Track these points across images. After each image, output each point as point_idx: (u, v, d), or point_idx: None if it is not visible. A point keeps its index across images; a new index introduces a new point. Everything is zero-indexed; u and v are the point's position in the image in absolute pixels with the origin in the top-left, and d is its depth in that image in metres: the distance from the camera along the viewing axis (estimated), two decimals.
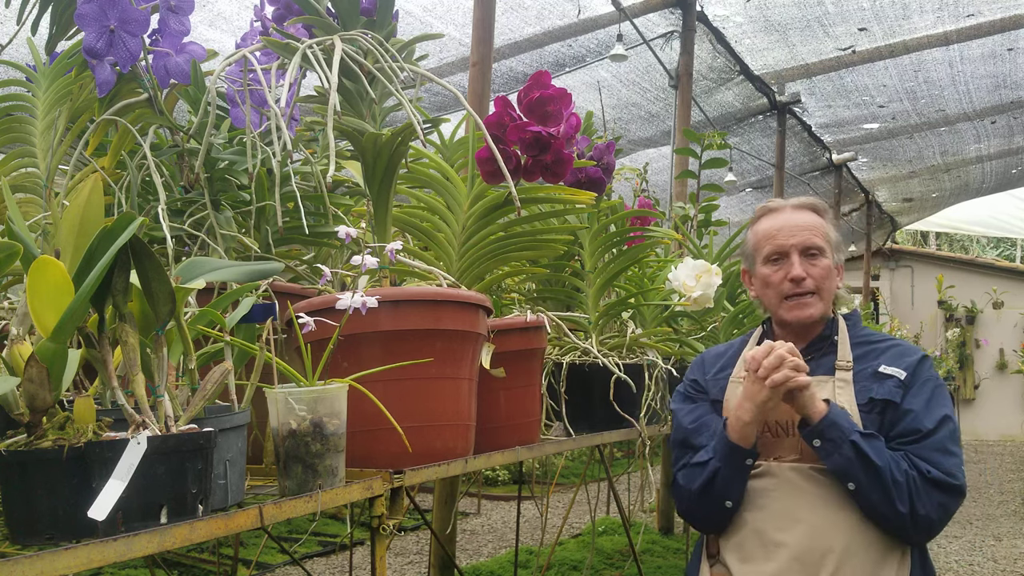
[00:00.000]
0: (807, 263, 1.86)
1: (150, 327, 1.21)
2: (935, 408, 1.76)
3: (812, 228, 1.88)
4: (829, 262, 1.88)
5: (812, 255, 1.87)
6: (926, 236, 18.98)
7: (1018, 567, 5.48)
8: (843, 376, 1.81)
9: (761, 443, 1.80)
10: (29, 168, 1.80)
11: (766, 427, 1.81)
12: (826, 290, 1.87)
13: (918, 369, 1.80)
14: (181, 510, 1.10)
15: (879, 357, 1.83)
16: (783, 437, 1.80)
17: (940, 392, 1.80)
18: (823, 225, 1.90)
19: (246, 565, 4.59)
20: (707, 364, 2.02)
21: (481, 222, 2.03)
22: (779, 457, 1.80)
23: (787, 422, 1.79)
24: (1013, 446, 11.92)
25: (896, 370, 1.79)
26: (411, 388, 1.59)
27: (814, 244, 1.86)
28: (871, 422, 1.75)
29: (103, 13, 1.54)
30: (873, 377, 1.80)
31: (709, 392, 1.96)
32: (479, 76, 3.23)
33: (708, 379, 1.98)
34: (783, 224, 1.89)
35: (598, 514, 5.13)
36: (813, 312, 1.85)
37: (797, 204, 1.94)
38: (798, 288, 1.85)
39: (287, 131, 1.54)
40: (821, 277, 1.86)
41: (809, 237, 1.87)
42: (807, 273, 1.85)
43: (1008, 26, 5.70)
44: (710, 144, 3.67)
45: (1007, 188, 10.87)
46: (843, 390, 1.79)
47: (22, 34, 1.79)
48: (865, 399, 1.77)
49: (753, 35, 5.82)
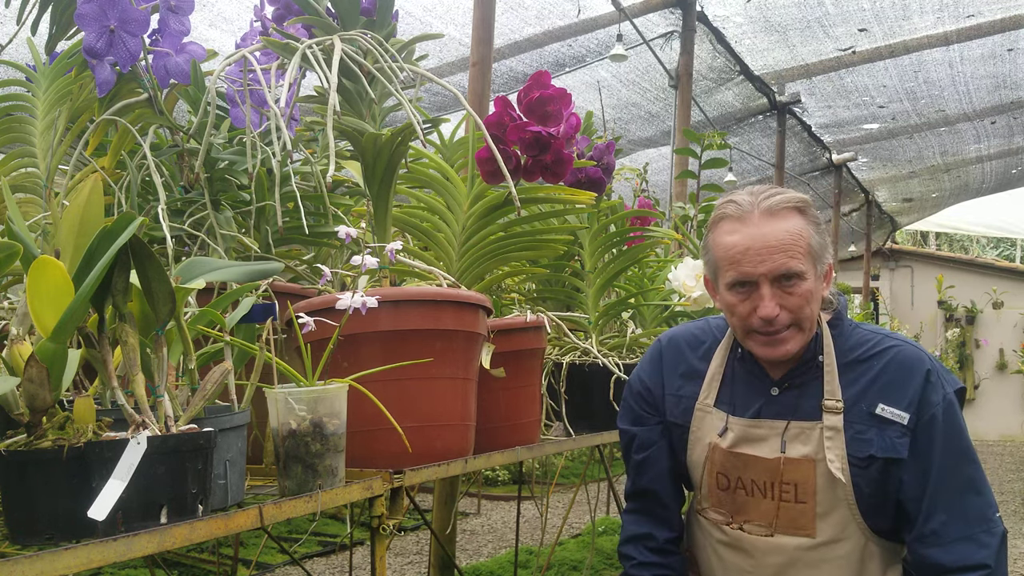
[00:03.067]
0: (781, 293, 1.51)
1: (150, 327, 1.21)
2: (947, 470, 1.50)
3: (787, 247, 1.50)
4: (810, 284, 1.52)
5: (788, 281, 1.51)
6: (926, 236, 18.97)
7: (1018, 567, 5.48)
8: (832, 423, 1.53)
9: (728, 498, 1.61)
10: (29, 168, 1.80)
11: (740, 483, 1.59)
12: (808, 317, 1.53)
13: (923, 401, 1.51)
14: (181, 510, 1.10)
15: (876, 387, 1.54)
16: (758, 498, 1.58)
17: (947, 431, 1.51)
18: (801, 234, 1.52)
19: (246, 565, 4.59)
20: (666, 368, 1.72)
21: (481, 222, 2.03)
22: (748, 521, 1.60)
23: (764, 483, 1.57)
24: (1013, 446, 11.92)
25: (897, 413, 1.51)
26: (411, 388, 1.59)
27: (790, 270, 1.50)
28: (866, 479, 1.52)
29: (103, 13, 1.54)
30: (870, 421, 1.52)
31: (666, 411, 1.70)
32: (479, 76, 3.22)
33: (666, 394, 1.70)
34: (749, 244, 1.51)
35: (598, 514, 5.12)
36: (790, 348, 1.54)
37: (767, 209, 1.52)
38: (770, 327, 1.52)
39: (287, 131, 1.54)
40: (799, 307, 1.51)
41: (784, 262, 1.49)
42: (781, 306, 1.51)
43: (1008, 26, 5.70)
44: (710, 144, 3.66)
45: (1007, 188, 10.86)
46: (833, 442, 1.52)
47: (22, 34, 1.79)
48: (864, 454, 1.51)
49: (753, 35, 5.82)
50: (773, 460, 1.56)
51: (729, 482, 1.62)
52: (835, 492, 1.54)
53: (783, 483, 1.56)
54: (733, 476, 1.61)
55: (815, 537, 1.55)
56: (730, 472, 1.62)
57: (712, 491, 1.65)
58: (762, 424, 1.59)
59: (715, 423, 1.64)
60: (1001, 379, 12.89)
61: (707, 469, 1.65)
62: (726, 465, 1.62)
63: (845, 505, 1.54)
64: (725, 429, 1.62)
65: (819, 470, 1.54)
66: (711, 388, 1.66)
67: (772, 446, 1.57)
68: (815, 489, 1.54)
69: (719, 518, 1.65)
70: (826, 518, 1.55)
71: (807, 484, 1.54)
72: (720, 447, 1.62)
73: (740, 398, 1.63)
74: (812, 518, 1.55)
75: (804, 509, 1.55)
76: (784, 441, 1.56)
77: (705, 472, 1.65)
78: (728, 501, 1.63)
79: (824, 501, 1.54)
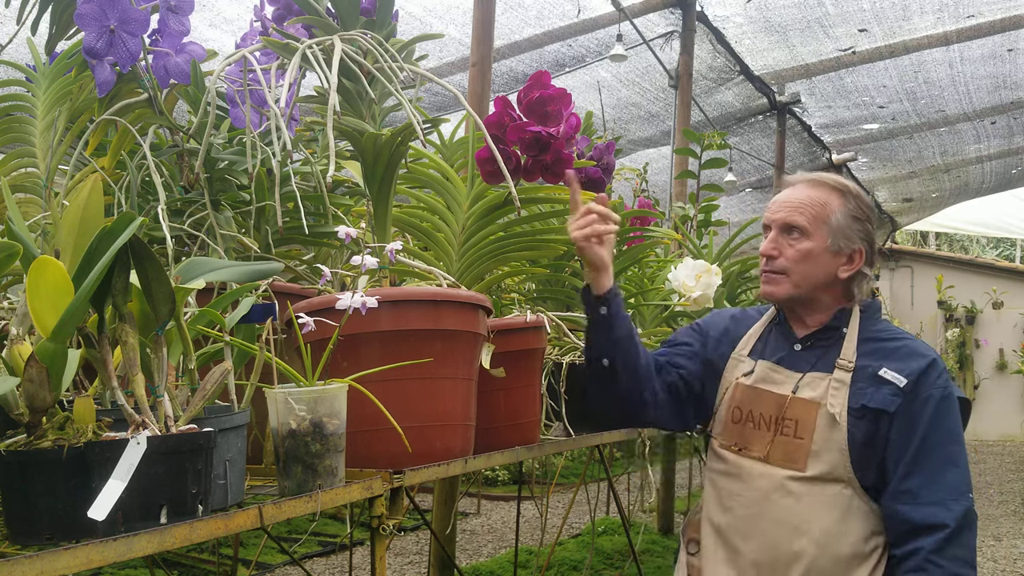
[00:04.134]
0: (785, 242, 1.75)
1: (150, 327, 1.21)
2: (932, 442, 1.64)
3: (802, 206, 1.75)
4: (811, 245, 1.73)
5: (791, 233, 1.75)
6: (926, 236, 18.97)
7: (1018, 567, 5.48)
8: (841, 376, 1.71)
9: (738, 430, 1.78)
10: (29, 168, 1.81)
11: (750, 416, 1.77)
12: (799, 273, 1.74)
13: (922, 378, 1.68)
14: (181, 510, 1.10)
15: (885, 358, 1.72)
16: (763, 431, 1.74)
17: (940, 411, 1.67)
18: (824, 204, 1.74)
19: (246, 565, 4.58)
20: (713, 321, 1.95)
21: (481, 222, 2.03)
22: (745, 449, 1.76)
23: (770, 416, 1.74)
24: (1013, 446, 11.92)
25: (896, 376, 1.68)
26: (411, 388, 1.59)
27: (793, 223, 1.74)
28: (860, 429, 1.67)
29: (103, 13, 1.54)
30: (872, 380, 1.69)
31: (708, 347, 1.89)
32: (479, 76, 3.23)
33: (711, 336, 1.91)
34: (779, 198, 1.80)
35: (598, 514, 5.13)
36: (776, 291, 1.76)
37: (809, 180, 1.80)
38: (767, 266, 1.78)
39: (287, 131, 1.54)
40: (794, 259, 1.74)
41: (790, 215, 1.75)
42: (780, 251, 1.76)
43: (1008, 26, 5.70)
44: (710, 144, 3.67)
45: (1007, 188, 10.86)
46: (838, 391, 1.70)
47: (22, 34, 1.79)
48: (858, 404, 1.68)
49: (753, 35, 5.82)
50: (783, 396, 1.75)
51: (742, 414, 1.80)
52: (831, 434, 1.68)
53: (786, 418, 1.73)
54: (746, 409, 1.79)
55: (805, 471, 1.69)
56: (744, 405, 1.79)
57: (727, 425, 1.82)
58: (781, 371, 1.79)
59: (743, 368, 1.84)
60: (1001, 379, 12.88)
61: (727, 404, 1.83)
62: (743, 399, 1.80)
63: (837, 449, 1.68)
64: (751, 371, 1.81)
65: (821, 412, 1.70)
66: (748, 342, 1.87)
67: (786, 388, 1.76)
68: (814, 428, 1.70)
69: (724, 448, 1.81)
70: (818, 457, 1.69)
71: (807, 422, 1.71)
72: (743, 384, 1.81)
73: (769, 349, 1.84)
74: (806, 453, 1.70)
75: (800, 444, 1.71)
76: (798, 386, 1.75)
77: (723, 406, 1.83)
78: (737, 433, 1.79)
79: (820, 440, 1.69)
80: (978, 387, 12.95)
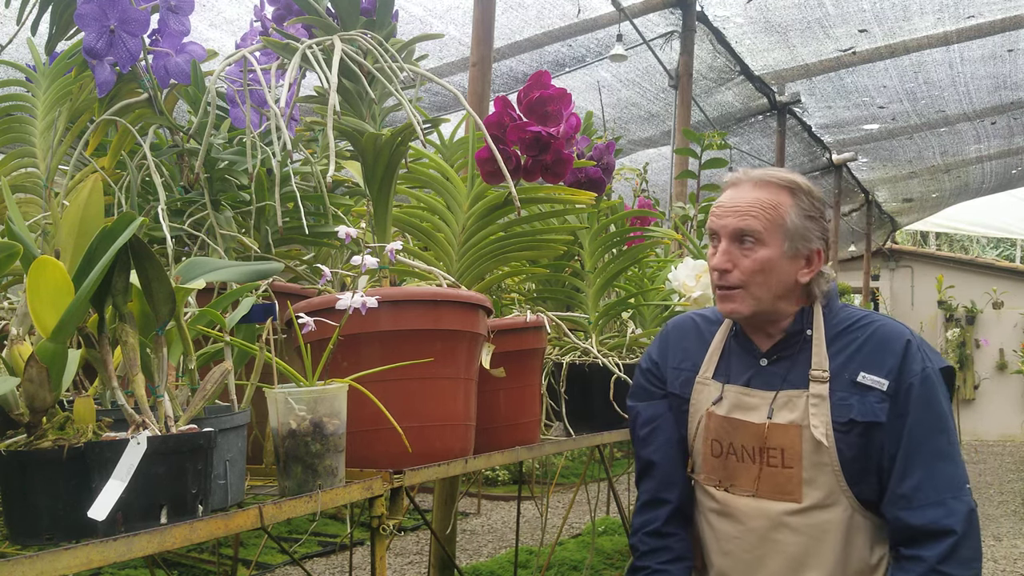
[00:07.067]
0: (739, 253, 1.59)
1: (150, 327, 1.21)
2: (921, 434, 1.56)
3: (753, 211, 1.58)
4: (767, 253, 1.58)
5: (743, 242, 1.59)
6: (926, 236, 18.98)
7: (1018, 567, 5.48)
8: (818, 391, 1.59)
9: (720, 464, 1.68)
10: (29, 168, 1.81)
11: (731, 449, 1.66)
12: (757, 284, 1.59)
13: (902, 369, 1.57)
14: (181, 510, 1.10)
15: (858, 355, 1.60)
16: (747, 464, 1.64)
17: (923, 397, 1.57)
18: (775, 206, 1.59)
19: (246, 565, 4.58)
20: (671, 345, 1.81)
21: (481, 222, 2.03)
22: (733, 485, 1.66)
23: (752, 448, 1.63)
24: (1013, 446, 11.92)
25: (877, 380, 1.57)
26: (411, 388, 1.59)
27: (747, 229, 1.58)
28: (849, 443, 1.57)
29: (103, 13, 1.54)
30: (852, 388, 1.58)
31: (667, 382, 1.77)
32: (479, 76, 3.22)
33: (669, 367, 1.78)
34: (723, 201, 1.63)
35: (598, 514, 5.12)
36: (740, 308, 1.61)
37: (756, 179, 1.62)
38: (720, 280, 1.62)
39: (287, 131, 1.54)
40: (751, 271, 1.58)
41: (741, 221, 1.58)
42: (734, 263, 1.59)
43: (1008, 27, 5.70)
44: (710, 144, 3.66)
45: (1007, 188, 10.86)
46: (818, 408, 1.58)
47: (22, 34, 1.79)
48: (844, 419, 1.57)
49: (753, 35, 5.81)
50: (759, 425, 1.63)
51: (722, 448, 1.68)
52: (820, 457, 1.59)
53: (769, 448, 1.62)
54: (725, 442, 1.68)
55: (801, 502, 1.60)
56: (723, 438, 1.68)
57: (707, 459, 1.71)
58: (753, 393, 1.67)
59: (712, 393, 1.71)
60: (1001, 379, 12.88)
61: (703, 437, 1.71)
62: (719, 431, 1.69)
63: (830, 471, 1.59)
64: (720, 397, 1.69)
65: (805, 436, 1.59)
66: (711, 363, 1.74)
67: (761, 413, 1.64)
68: (801, 454, 1.59)
69: (711, 485, 1.71)
70: (813, 484, 1.60)
71: (793, 450, 1.60)
72: (715, 414, 1.69)
73: (734, 369, 1.71)
74: (799, 483, 1.60)
75: (791, 475, 1.60)
76: (772, 408, 1.63)
77: (700, 440, 1.72)
78: (720, 468, 1.69)
79: (810, 467, 1.59)
80: (978, 387, 12.95)
